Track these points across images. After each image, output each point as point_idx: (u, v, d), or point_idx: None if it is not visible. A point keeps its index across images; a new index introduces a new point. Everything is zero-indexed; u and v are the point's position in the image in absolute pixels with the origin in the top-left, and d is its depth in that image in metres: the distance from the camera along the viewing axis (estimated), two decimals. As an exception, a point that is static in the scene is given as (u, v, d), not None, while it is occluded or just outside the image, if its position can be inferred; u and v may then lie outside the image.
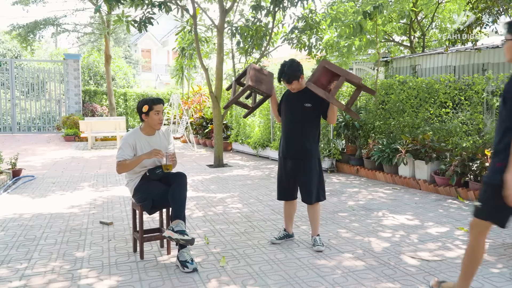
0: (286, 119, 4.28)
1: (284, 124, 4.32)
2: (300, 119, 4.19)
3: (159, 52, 40.09)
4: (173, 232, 3.57)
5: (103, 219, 5.37)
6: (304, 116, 4.17)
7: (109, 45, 16.45)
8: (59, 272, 3.71)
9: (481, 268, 3.68)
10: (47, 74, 17.75)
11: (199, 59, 9.80)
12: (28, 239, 4.66)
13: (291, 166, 4.24)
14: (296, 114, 4.21)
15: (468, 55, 10.55)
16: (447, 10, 13.26)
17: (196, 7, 9.52)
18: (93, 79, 20.53)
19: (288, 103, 4.28)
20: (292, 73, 4.08)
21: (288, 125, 4.26)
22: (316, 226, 4.30)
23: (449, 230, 4.78)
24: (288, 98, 4.30)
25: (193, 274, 3.61)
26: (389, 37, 15.13)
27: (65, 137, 15.44)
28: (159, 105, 4.00)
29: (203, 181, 7.96)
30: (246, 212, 5.66)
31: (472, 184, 6.21)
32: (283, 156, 4.30)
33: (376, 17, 8.13)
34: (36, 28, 15.07)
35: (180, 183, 3.84)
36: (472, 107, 6.94)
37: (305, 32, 9.60)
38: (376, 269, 3.69)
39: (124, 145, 3.93)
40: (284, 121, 4.31)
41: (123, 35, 34.50)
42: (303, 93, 4.19)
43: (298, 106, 4.18)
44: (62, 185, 7.71)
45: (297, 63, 4.13)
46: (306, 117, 4.18)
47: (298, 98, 4.20)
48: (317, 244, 4.19)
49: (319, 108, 4.17)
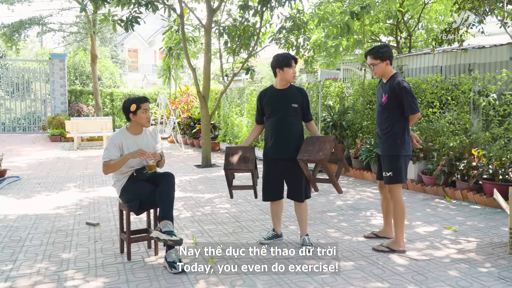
0: (275, 119, 4.22)
1: (272, 124, 4.23)
2: (289, 119, 4.17)
3: (146, 52, 39.82)
4: (161, 232, 3.53)
5: (90, 220, 5.30)
6: (292, 115, 4.18)
7: (95, 44, 16.27)
8: (45, 274, 3.64)
9: (469, 267, 3.70)
10: (32, 74, 17.51)
11: (187, 59, 9.74)
12: (13, 240, 4.57)
13: (282, 166, 4.21)
14: (284, 114, 4.18)
15: (454, 55, 10.64)
16: (434, 11, 13.37)
17: (183, 7, 9.46)
18: (79, 79, 20.32)
19: (273, 102, 4.23)
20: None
21: (277, 124, 4.20)
22: (305, 226, 4.28)
23: (437, 230, 4.80)
24: (273, 97, 4.24)
25: (181, 275, 3.57)
26: (376, 38, 15.22)
27: (50, 137, 15.24)
28: (146, 103, 3.97)
29: (190, 181, 7.91)
30: (234, 213, 5.63)
31: (459, 184, 6.26)
32: (273, 157, 4.25)
33: (363, 17, 8.16)
34: (21, 28, 14.84)
35: (168, 183, 3.79)
36: (459, 107, 7.00)
37: (293, 32, 9.60)
38: (365, 269, 3.69)
39: (110, 145, 3.87)
40: (272, 121, 4.23)
41: (109, 35, 34.22)
42: (288, 92, 4.21)
43: (284, 106, 4.17)
44: (47, 185, 7.60)
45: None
46: (294, 116, 4.18)
47: (284, 97, 4.20)
48: (306, 244, 4.17)
49: (302, 109, 4.25)
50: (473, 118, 6.97)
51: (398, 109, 4.02)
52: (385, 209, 4.47)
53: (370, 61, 4.10)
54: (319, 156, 3.85)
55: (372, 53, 4.10)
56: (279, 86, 4.26)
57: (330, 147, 3.93)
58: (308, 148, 4.01)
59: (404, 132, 4.08)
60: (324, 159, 3.82)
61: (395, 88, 3.99)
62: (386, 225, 4.49)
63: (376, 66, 4.08)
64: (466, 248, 4.19)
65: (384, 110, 4.09)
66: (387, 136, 4.09)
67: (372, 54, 4.09)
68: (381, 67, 4.08)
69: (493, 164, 5.95)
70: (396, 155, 4.06)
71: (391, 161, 4.07)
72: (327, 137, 4.05)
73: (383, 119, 4.11)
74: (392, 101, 4.02)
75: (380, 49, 4.09)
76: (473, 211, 5.58)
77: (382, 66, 4.07)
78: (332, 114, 8.67)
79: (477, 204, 5.93)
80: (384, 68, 4.09)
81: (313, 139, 4.09)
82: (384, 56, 4.05)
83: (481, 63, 10.11)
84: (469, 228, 4.85)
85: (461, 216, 5.37)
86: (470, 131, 6.86)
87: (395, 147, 4.06)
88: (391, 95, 4.01)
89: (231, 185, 4.37)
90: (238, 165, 4.16)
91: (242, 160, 4.18)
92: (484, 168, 5.96)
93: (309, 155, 3.93)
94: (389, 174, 4.08)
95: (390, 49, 4.17)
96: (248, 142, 4.42)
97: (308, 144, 4.06)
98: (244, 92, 11.63)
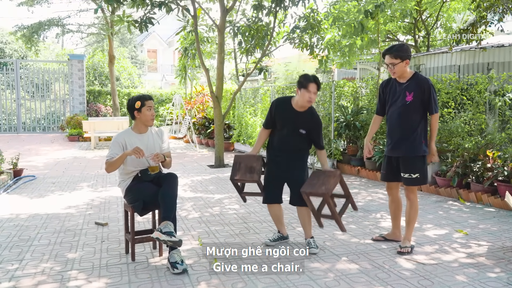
0: (280, 136, 4.18)
1: (278, 138, 4.20)
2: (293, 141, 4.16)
3: (165, 52, 40.16)
4: (161, 233, 3.52)
5: (99, 220, 5.34)
6: (299, 139, 4.15)
7: (113, 45, 16.46)
8: (49, 274, 3.67)
9: (477, 272, 3.60)
10: (52, 75, 17.81)
11: (200, 59, 9.76)
12: (22, 239, 4.63)
13: (284, 167, 4.17)
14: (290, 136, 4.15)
15: (473, 54, 10.41)
16: (452, 9, 13.11)
17: (197, 7, 9.48)
18: (98, 79, 20.58)
19: (282, 120, 4.14)
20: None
21: (283, 138, 4.17)
22: (309, 228, 4.22)
23: (448, 233, 4.69)
24: (283, 115, 4.13)
25: (183, 276, 3.56)
26: (394, 37, 15.00)
27: (69, 137, 15.47)
28: (150, 100, 3.99)
29: (202, 181, 7.91)
30: (242, 213, 5.60)
31: (474, 186, 6.11)
32: (275, 155, 4.22)
33: (377, 16, 8.04)
34: (40, 29, 15.12)
35: (170, 184, 3.79)
36: (474, 107, 6.82)
37: (307, 32, 9.52)
38: (369, 273, 3.61)
39: (113, 144, 3.91)
40: (278, 135, 4.19)
41: (129, 36, 34.61)
42: (300, 115, 4.09)
43: (291, 129, 4.10)
44: (61, 185, 7.70)
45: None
46: (301, 141, 4.16)
47: (295, 120, 4.09)
48: (312, 246, 4.12)
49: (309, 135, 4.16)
50: (488, 119, 6.80)
51: (421, 108, 4.00)
52: (394, 211, 4.38)
53: (390, 61, 3.99)
54: (321, 190, 3.77)
55: (391, 52, 3.99)
56: (294, 105, 4.10)
57: (334, 183, 3.84)
58: (313, 181, 3.95)
59: (426, 132, 4.07)
60: (326, 193, 3.72)
61: (423, 86, 3.93)
62: (395, 228, 4.40)
63: (396, 66, 3.98)
64: (476, 252, 4.08)
65: (408, 109, 3.99)
66: (413, 137, 4.00)
67: (392, 53, 3.98)
68: (400, 66, 3.98)
69: (508, 165, 5.78)
70: (422, 155, 4.03)
71: (417, 162, 4.02)
72: (333, 172, 3.97)
73: (407, 119, 4.01)
74: (417, 99, 3.96)
75: (400, 48, 4.00)
76: (486, 214, 5.43)
77: (401, 66, 3.98)
78: (345, 114, 8.56)
79: (491, 206, 5.78)
80: (404, 68, 4.00)
81: (319, 173, 4.02)
82: (404, 55, 3.96)
83: (500, 62, 9.86)
84: (481, 231, 4.72)
85: (473, 219, 5.23)
86: (486, 132, 6.69)
87: (421, 148, 4.01)
88: (418, 93, 3.94)
89: (241, 191, 4.38)
90: (244, 175, 4.15)
91: (248, 171, 4.17)
92: (499, 169, 5.80)
93: (311, 188, 3.87)
94: (416, 176, 4.01)
95: (409, 48, 4.09)
96: (256, 150, 4.35)
97: (313, 178, 4.00)
98: (258, 92, 11.60)
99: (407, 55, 3.97)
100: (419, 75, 4.04)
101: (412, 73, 4.05)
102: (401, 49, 3.98)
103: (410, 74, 4.04)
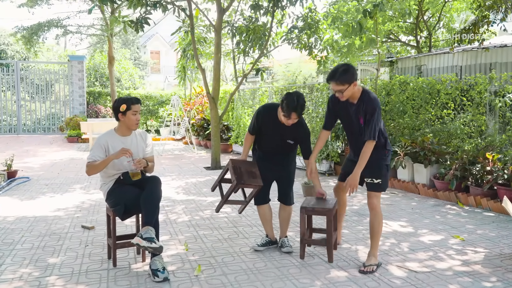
0: (268, 139, 4.10)
1: (265, 141, 4.13)
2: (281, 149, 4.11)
3: (168, 53, 40.07)
4: (142, 239, 3.38)
5: (86, 223, 5.21)
6: (285, 148, 4.09)
7: (112, 46, 16.38)
8: (27, 279, 3.55)
9: (472, 281, 3.43)
10: (53, 76, 17.75)
11: (196, 59, 9.64)
12: (6, 243, 4.51)
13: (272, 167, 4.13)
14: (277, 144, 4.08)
15: (475, 54, 10.22)
16: (454, 9, 12.91)
17: (194, 8, 9.36)
18: (99, 80, 20.50)
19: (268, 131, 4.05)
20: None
21: (270, 144, 4.12)
22: (286, 228, 4.26)
23: (444, 239, 4.52)
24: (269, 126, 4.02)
25: (163, 283, 3.42)
26: (396, 37, 14.82)
27: (68, 138, 15.40)
28: (137, 105, 3.83)
29: (196, 183, 7.77)
30: (233, 217, 5.45)
31: (473, 189, 5.93)
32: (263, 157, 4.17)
33: (376, 16, 7.87)
34: (39, 30, 15.05)
35: (153, 188, 3.65)
36: (474, 108, 6.65)
37: (305, 32, 9.37)
38: (358, 281, 3.46)
39: (95, 145, 3.77)
40: (265, 139, 4.11)
41: (131, 37, 34.57)
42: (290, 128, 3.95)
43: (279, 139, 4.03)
44: (54, 187, 7.59)
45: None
46: (287, 148, 4.10)
47: (283, 133, 3.99)
48: (286, 245, 4.13)
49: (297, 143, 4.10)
50: (488, 120, 6.62)
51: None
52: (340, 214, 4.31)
53: (337, 88, 3.60)
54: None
55: (336, 79, 3.57)
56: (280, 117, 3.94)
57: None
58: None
59: (387, 139, 3.85)
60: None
61: (367, 110, 3.60)
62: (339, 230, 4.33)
63: (345, 91, 3.60)
64: (472, 259, 3.91)
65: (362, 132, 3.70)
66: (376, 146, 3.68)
67: (337, 79, 3.57)
68: (349, 90, 3.60)
69: (508, 168, 5.60)
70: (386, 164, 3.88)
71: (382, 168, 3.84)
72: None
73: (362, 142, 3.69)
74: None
75: (343, 72, 3.56)
76: (485, 219, 5.25)
77: (350, 89, 3.60)
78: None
79: (491, 211, 5.60)
80: (352, 90, 3.63)
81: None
82: (350, 79, 3.57)
83: (503, 62, 9.65)
84: (479, 237, 4.55)
85: (471, 224, 5.06)
86: (486, 134, 6.51)
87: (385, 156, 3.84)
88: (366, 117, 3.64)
89: (227, 199, 4.09)
90: (250, 180, 3.93)
91: (251, 175, 4.00)
92: (499, 173, 5.62)
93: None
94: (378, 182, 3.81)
95: (353, 68, 3.64)
96: (246, 155, 4.20)
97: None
98: (257, 93, 11.46)
99: (353, 78, 3.59)
100: (367, 95, 3.65)
101: (361, 91, 3.69)
102: (345, 74, 3.55)
103: (359, 93, 3.67)
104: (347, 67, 3.61)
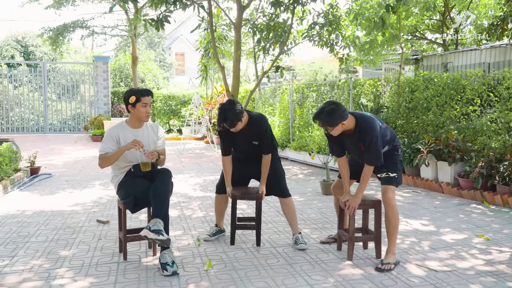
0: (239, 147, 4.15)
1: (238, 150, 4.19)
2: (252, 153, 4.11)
3: (192, 55, 40.30)
4: (150, 231, 3.32)
5: (101, 218, 5.20)
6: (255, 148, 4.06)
7: (136, 47, 16.53)
8: (37, 271, 3.53)
9: (495, 281, 3.24)
10: (78, 76, 18.05)
11: (215, 57, 9.59)
12: (21, 235, 4.53)
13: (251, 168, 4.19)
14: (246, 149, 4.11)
15: (503, 51, 9.84)
16: (482, 5, 12.50)
17: (215, 6, 9.32)
18: (124, 81, 20.75)
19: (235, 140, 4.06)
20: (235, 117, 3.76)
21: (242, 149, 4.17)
22: (296, 223, 4.14)
23: (467, 237, 4.31)
24: (235, 136, 3.99)
25: (172, 277, 3.35)
26: (422, 35, 14.47)
27: (92, 137, 15.60)
28: (147, 97, 3.77)
29: (214, 181, 7.70)
30: (249, 214, 5.36)
31: (500, 188, 5.67)
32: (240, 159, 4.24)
33: (399, 11, 7.66)
34: (65, 31, 15.30)
35: (163, 180, 3.59)
36: (502, 104, 6.37)
37: (326, 29, 9.21)
38: (374, 279, 3.30)
39: (106, 138, 3.73)
40: (237, 148, 4.18)
41: (157, 39, 34.95)
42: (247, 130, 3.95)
43: (246, 143, 4.05)
44: (74, 183, 7.65)
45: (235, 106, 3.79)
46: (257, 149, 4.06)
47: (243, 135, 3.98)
48: (300, 242, 4.01)
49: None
50: (517, 116, 6.32)
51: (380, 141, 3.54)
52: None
53: (323, 127, 3.56)
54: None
55: (320, 120, 3.47)
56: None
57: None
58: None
59: (394, 139, 3.75)
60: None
61: (365, 139, 3.48)
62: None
63: (332, 131, 3.48)
64: (496, 259, 3.70)
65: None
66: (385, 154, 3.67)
67: (321, 122, 3.48)
68: (337, 130, 3.47)
69: (538, 166, 5.33)
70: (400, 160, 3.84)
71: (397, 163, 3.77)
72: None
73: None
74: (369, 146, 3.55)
75: (328, 115, 3.41)
76: (512, 219, 5.00)
77: (338, 129, 3.47)
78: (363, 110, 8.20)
79: (519, 210, 5.34)
80: (342, 128, 3.48)
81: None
82: (334, 122, 3.41)
83: (533, 58, 9.27)
84: (505, 236, 4.32)
85: (497, 223, 4.82)
86: (514, 130, 6.23)
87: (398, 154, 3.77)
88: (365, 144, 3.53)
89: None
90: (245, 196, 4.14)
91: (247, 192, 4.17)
92: (528, 171, 5.35)
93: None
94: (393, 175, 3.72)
95: (339, 106, 3.44)
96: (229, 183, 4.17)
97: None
98: (277, 92, 11.35)
99: (339, 119, 3.41)
100: (362, 124, 3.50)
101: (354, 122, 3.52)
102: (330, 116, 3.40)
103: (353, 123, 3.52)
104: (334, 107, 3.43)
